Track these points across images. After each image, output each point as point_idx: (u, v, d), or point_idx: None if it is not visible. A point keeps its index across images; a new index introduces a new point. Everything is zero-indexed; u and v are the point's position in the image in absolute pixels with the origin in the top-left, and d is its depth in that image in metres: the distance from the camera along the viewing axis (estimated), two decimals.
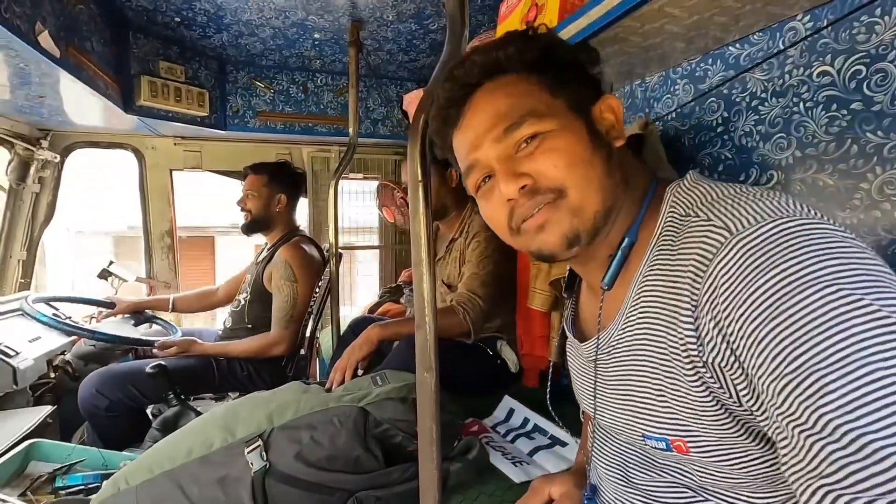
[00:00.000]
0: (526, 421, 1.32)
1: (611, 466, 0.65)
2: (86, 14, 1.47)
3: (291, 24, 1.80)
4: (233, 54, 2.11)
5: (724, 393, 0.46)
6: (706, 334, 0.45)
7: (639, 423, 0.55)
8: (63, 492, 1.14)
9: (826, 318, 0.38)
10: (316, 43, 1.99)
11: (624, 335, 0.56)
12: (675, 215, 0.53)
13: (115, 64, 1.75)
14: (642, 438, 0.56)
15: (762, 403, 0.42)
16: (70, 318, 2.03)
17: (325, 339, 2.27)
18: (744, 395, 0.44)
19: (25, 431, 1.38)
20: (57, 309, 2.04)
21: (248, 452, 0.94)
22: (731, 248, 0.44)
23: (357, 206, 2.91)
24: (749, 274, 0.42)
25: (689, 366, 0.47)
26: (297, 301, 1.80)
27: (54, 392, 1.79)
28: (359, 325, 1.85)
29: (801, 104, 0.92)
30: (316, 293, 2.00)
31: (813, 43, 0.90)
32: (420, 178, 0.75)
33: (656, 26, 0.96)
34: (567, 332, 0.74)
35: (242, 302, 1.91)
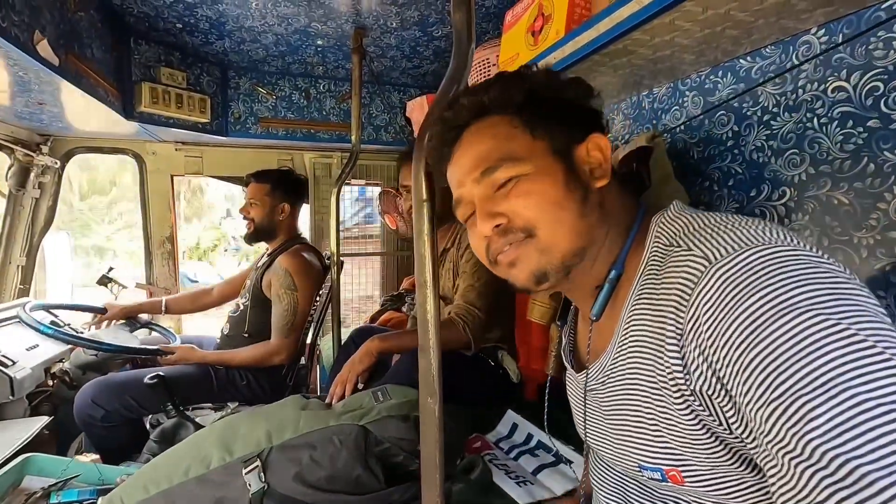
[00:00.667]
0: (529, 437, 1.29)
1: (611, 497, 0.65)
2: (86, 21, 1.46)
3: (294, 30, 1.78)
4: (235, 60, 2.10)
5: (714, 420, 0.46)
6: (692, 362, 0.46)
7: (634, 453, 0.55)
8: None
9: (806, 343, 0.38)
10: (319, 49, 1.97)
11: (616, 365, 0.57)
12: (660, 245, 0.54)
13: (116, 70, 1.74)
14: (639, 469, 0.56)
15: (751, 431, 0.42)
16: (69, 324, 2.01)
17: (326, 347, 2.25)
18: (732, 423, 0.44)
19: (20, 444, 1.36)
20: (56, 316, 2.02)
21: (245, 473, 0.92)
22: (711, 277, 0.45)
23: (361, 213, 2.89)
24: (729, 302, 0.43)
25: (678, 394, 0.48)
26: (297, 310, 1.78)
27: (51, 401, 1.77)
28: (360, 335, 1.83)
29: (815, 120, 0.90)
30: (316, 301, 1.98)
31: (828, 58, 0.87)
32: (425, 198, 0.73)
33: (666, 39, 0.94)
34: (565, 362, 0.75)
35: (242, 307, 1.89)
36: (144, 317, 2.12)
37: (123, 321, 2.02)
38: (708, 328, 0.44)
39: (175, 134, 2.13)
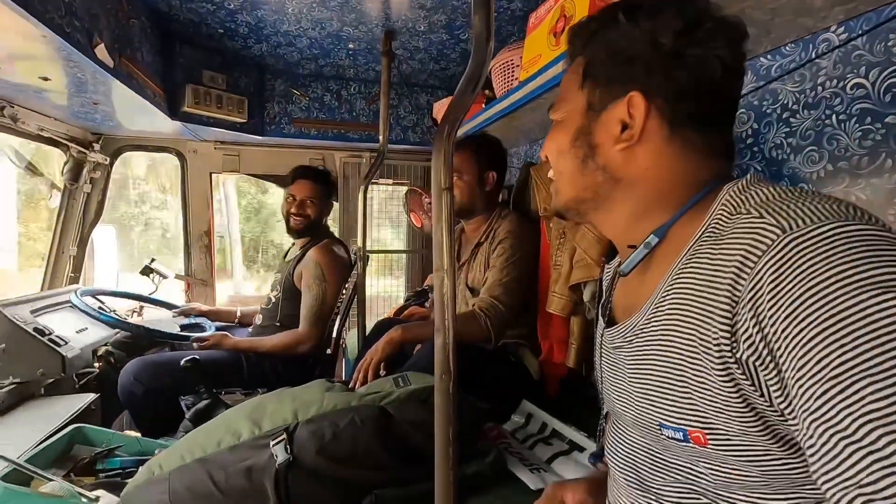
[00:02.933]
0: (544, 426, 1.32)
1: (625, 468, 0.66)
2: (137, 27, 1.57)
3: (327, 34, 1.86)
4: (271, 63, 2.20)
5: (755, 391, 0.45)
6: (744, 331, 0.45)
7: (656, 411, 0.55)
8: (102, 474, 1.21)
9: (880, 324, 0.37)
10: (350, 52, 2.05)
11: (650, 323, 0.57)
12: (724, 214, 0.53)
13: (163, 73, 1.86)
14: (658, 427, 0.56)
15: (794, 406, 0.41)
16: (114, 311, 2.16)
17: (351, 341, 2.32)
18: (776, 396, 0.44)
19: (71, 416, 1.48)
20: (103, 302, 2.16)
21: (273, 445, 0.98)
22: (784, 247, 0.43)
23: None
24: (800, 274, 0.41)
25: (720, 360, 0.47)
26: (326, 300, 1.86)
27: (97, 380, 1.90)
28: (384, 327, 1.88)
29: (834, 117, 0.90)
30: (343, 294, 2.05)
31: (846, 55, 0.88)
32: (444, 186, 0.78)
33: None
34: (598, 316, 0.75)
35: (273, 300, 1.98)
36: (185, 306, 2.25)
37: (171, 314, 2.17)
38: (771, 298, 0.42)
39: (214, 133, 2.25)
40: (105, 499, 1.08)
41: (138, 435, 1.73)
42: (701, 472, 0.54)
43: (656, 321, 0.56)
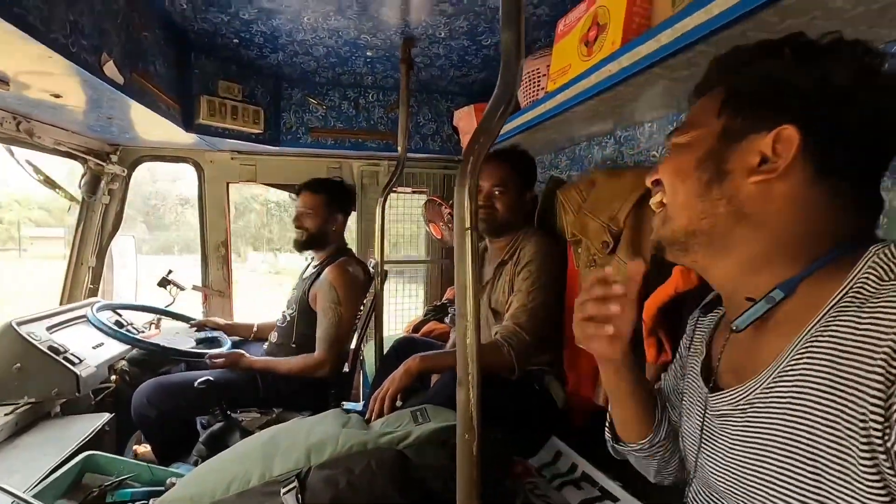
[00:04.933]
0: (574, 467, 1.23)
1: None
2: (150, 39, 1.53)
3: (344, 42, 1.80)
4: (288, 72, 2.15)
5: None
6: None
7: (771, 492, 0.50)
8: None
9: None
10: (368, 60, 1.98)
11: (771, 393, 0.51)
12: (873, 277, 0.47)
13: (178, 84, 1.82)
14: None
15: None
16: (132, 324, 2.14)
17: (369, 354, 2.26)
18: None
19: (84, 439, 1.45)
20: (120, 315, 2.15)
21: (283, 493, 0.92)
22: None
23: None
24: None
25: (867, 448, 0.42)
26: (342, 324, 1.80)
27: (113, 396, 1.88)
28: (402, 346, 1.82)
29: None
30: (360, 311, 1.99)
31: None
32: (468, 225, 0.70)
33: None
34: (693, 363, 0.71)
35: (288, 318, 1.93)
36: (201, 320, 2.22)
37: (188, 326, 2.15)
38: None
39: (231, 144, 2.21)
40: None
41: (150, 454, 1.71)
42: None
43: (781, 391, 0.50)
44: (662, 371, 1.11)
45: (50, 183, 1.97)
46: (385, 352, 1.87)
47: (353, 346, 2.10)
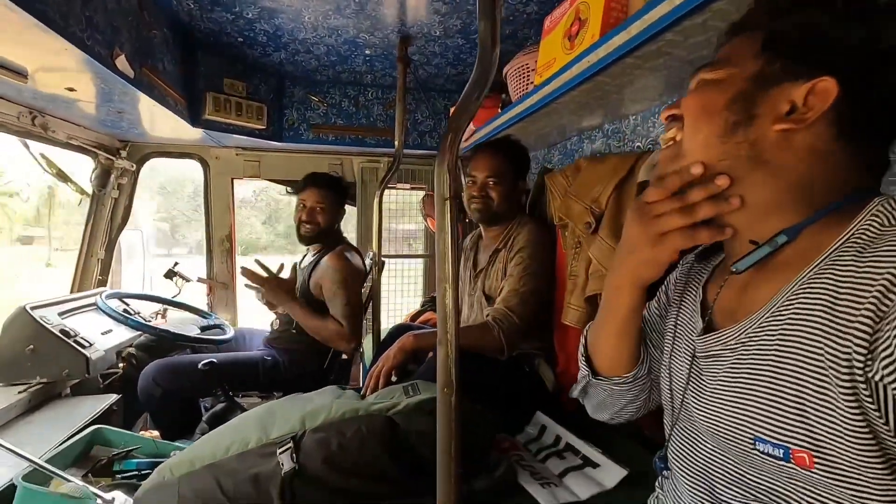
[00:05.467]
0: (558, 439, 1.29)
1: (694, 480, 0.62)
2: (159, 37, 1.61)
3: (344, 41, 1.88)
4: (290, 70, 2.23)
5: (880, 417, 0.43)
6: (885, 350, 0.42)
7: (755, 423, 0.52)
8: (119, 475, 1.24)
9: None
10: (367, 59, 2.06)
11: (764, 330, 0.53)
12: (874, 224, 0.49)
13: (184, 81, 1.90)
14: (752, 442, 0.52)
15: None
16: (139, 312, 2.22)
17: (367, 346, 2.32)
18: None
19: (93, 417, 1.52)
20: (128, 305, 2.23)
21: (279, 453, 0.98)
22: None
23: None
24: None
25: (848, 377, 0.44)
26: (354, 300, 1.87)
27: (121, 381, 1.95)
28: (398, 332, 1.87)
29: None
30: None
31: None
32: (446, 196, 0.76)
33: (701, 40, 0.92)
34: (691, 304, 0.71)
35: None
36: (205, 307, 2.29)
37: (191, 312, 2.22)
38: None
39: (235, 140, 2.29)
40: (120, 500, 1.11)
41: (157, 436, 1.78)
42: (793, 499, 0.50)
43: (773, 328, 0.52)
44: None
45: (62, 176, 2.05)
46: (381, 340, 1.93)
47: None
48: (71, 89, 1.45)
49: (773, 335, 0.51)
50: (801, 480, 0.49)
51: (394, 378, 1.39)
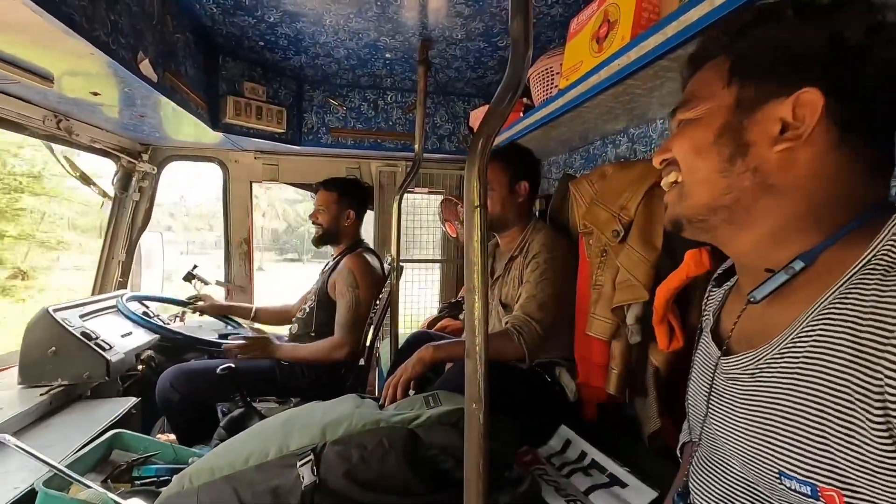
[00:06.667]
0: (583, 455, 1.25)
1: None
2: (182, 41, 1.62)
3: (364, 44, 1.87)
4: (310, 74, 2.23)
5: None
6: None
7: (778, 457, 0.49)
8: (138, 481, 1.23)
9: None
10: (387, 62, 2.05)
11: (784, 358, 0.51)
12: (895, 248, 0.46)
13: (206, 85, 1.91)
14: (777, 476, 0.49)
15: None
16: (158, 315, 2.23)
17: (384, 351, 2.30)
18: None
19: (112, 420, 1.52)
20: (147, 307, 2.24)
21: (300, 465, 0.96)
22: None
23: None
24: None
25: (880, 414, 0.41)
26: (359, 307, 1.86)
27: (140, 384, 1.96)
28: (416, 339, 1.86)
29: None
30: (376, 305, 2.04)
31: None
32: (477, 203, 0.74)
33: None
34: (705, 332, 0.70)
35: (308, 309, 1.99)
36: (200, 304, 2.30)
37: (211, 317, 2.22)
38: None
39: (255, 143, 2.30)
40: None
41: (174, 440, 1.78)
42: None
43: (793, 356, 0.49)
44: (672, 358, 1.13)
45: (85, 179, 2.07)
46: (399, 347, 1.91)
47: (368, 341, 2.15)
48: (95, 93, 1.46)
49: (794, 363, 0.49)
50: None
51: (412, 391, 1.36)
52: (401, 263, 2.08)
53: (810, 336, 0.48)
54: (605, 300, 1.27)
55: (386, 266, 2.12)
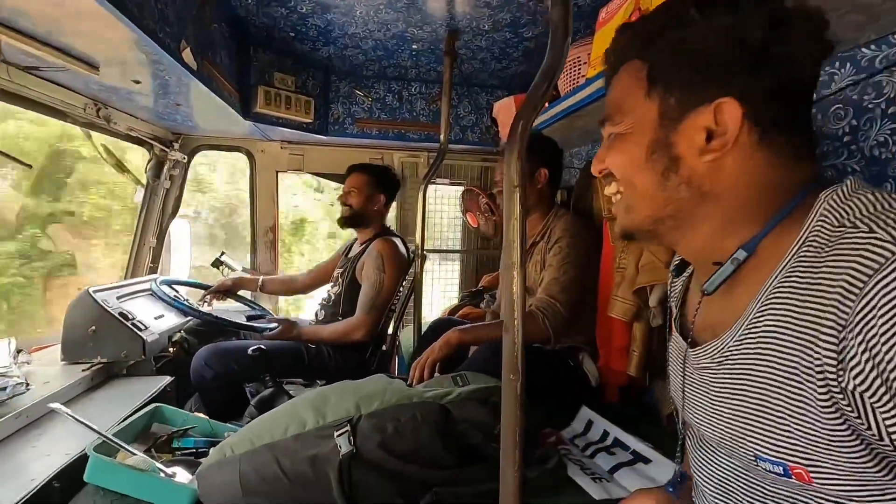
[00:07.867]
0: (605, 434, 1.27)
1: (717, 490, 0.62)
2: (218, 32, 1.66)
3: (392, 35, 1.90)
4: (338, 65, 2.27)
5: (862, 424, 0.42)
6: (851, 358, 0.41)
7: (752, 442, 0.51)
8: (178, 452, 1.29)
9: None
10: (413, 53, 2.08)
11: (742, 345, 0.53)
12: (825, 226, 0.48)
13: (238, 75, 1.96)
14: (754, 459, 0.52)
15: None
16: (188, 300, 2.30)
17: (406, 338, 2.35)
18: (892, 430, 0.40)
19: (150, 396, 1.58)
20: (178, 291, 2.31)
21: (337, 436, 1.00)
22: None
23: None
24: None
25: (823, 390, 0.44)
26: (383, 289, 1.91)
27: (171, 365, 2.03)
28: (439, 326, 1.89)
29: None
30: (400, 291, 2.08)
31: None
32: (516, 183, 0.76)
33: None
34: (672, 329, 0.72)
35: (333, 296, 2.04)
36: (249, 296, 2.36)
37: (237, 302, 2.28)
38: (884, 324, 0.39)
39: (282, 133, 2.35)
40: (181, 475, 1.15)
41: (207, 418, 1.84)
42: (804, 502, 0.50)
43: (750, 342, 0.52)
44: None
45: (120, 167, 2.14)
46: (423, 333, 1.95)
47: (390, 329, 2.20)
48: (136, 81, 1.52)
49: (751, 350, 0.51)
50: (812, 491, 0.48)
51: (437, 373, 1.40)
52: (425, 252, 2.12)
53: (761, 322, 0.50)
54: (627, 282, 1.30)
55: (411, 254, 2.16)
